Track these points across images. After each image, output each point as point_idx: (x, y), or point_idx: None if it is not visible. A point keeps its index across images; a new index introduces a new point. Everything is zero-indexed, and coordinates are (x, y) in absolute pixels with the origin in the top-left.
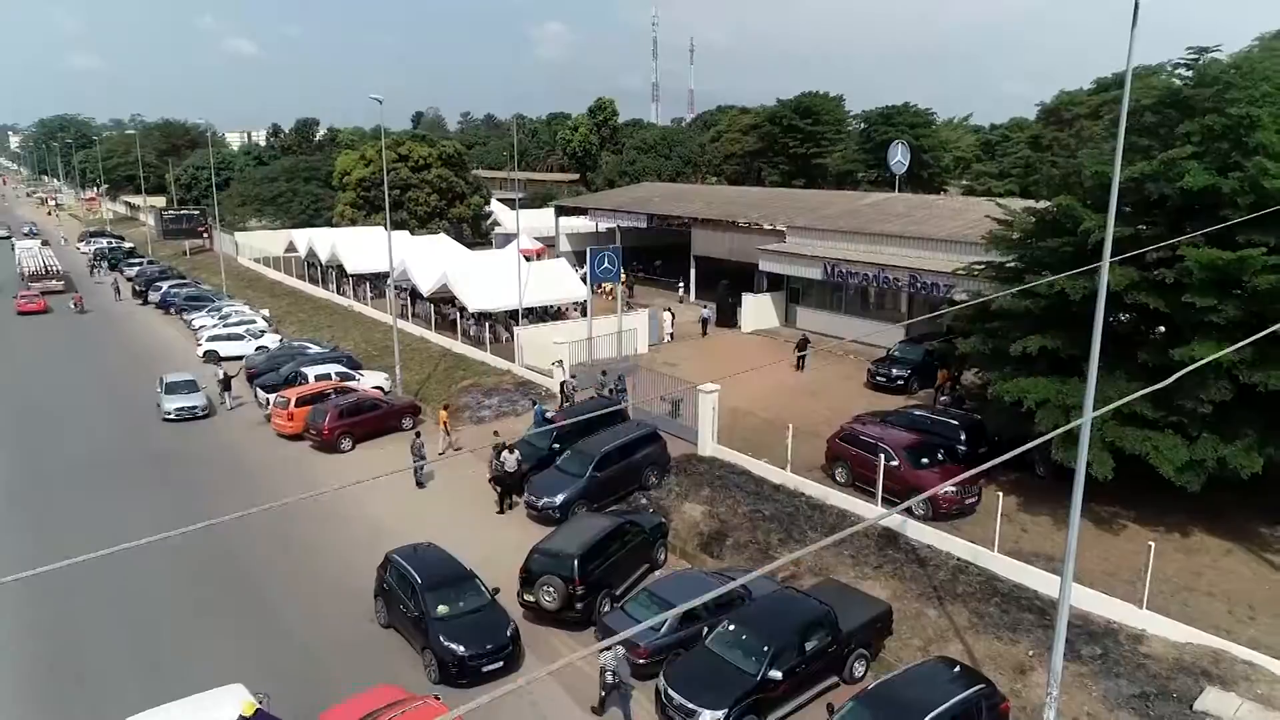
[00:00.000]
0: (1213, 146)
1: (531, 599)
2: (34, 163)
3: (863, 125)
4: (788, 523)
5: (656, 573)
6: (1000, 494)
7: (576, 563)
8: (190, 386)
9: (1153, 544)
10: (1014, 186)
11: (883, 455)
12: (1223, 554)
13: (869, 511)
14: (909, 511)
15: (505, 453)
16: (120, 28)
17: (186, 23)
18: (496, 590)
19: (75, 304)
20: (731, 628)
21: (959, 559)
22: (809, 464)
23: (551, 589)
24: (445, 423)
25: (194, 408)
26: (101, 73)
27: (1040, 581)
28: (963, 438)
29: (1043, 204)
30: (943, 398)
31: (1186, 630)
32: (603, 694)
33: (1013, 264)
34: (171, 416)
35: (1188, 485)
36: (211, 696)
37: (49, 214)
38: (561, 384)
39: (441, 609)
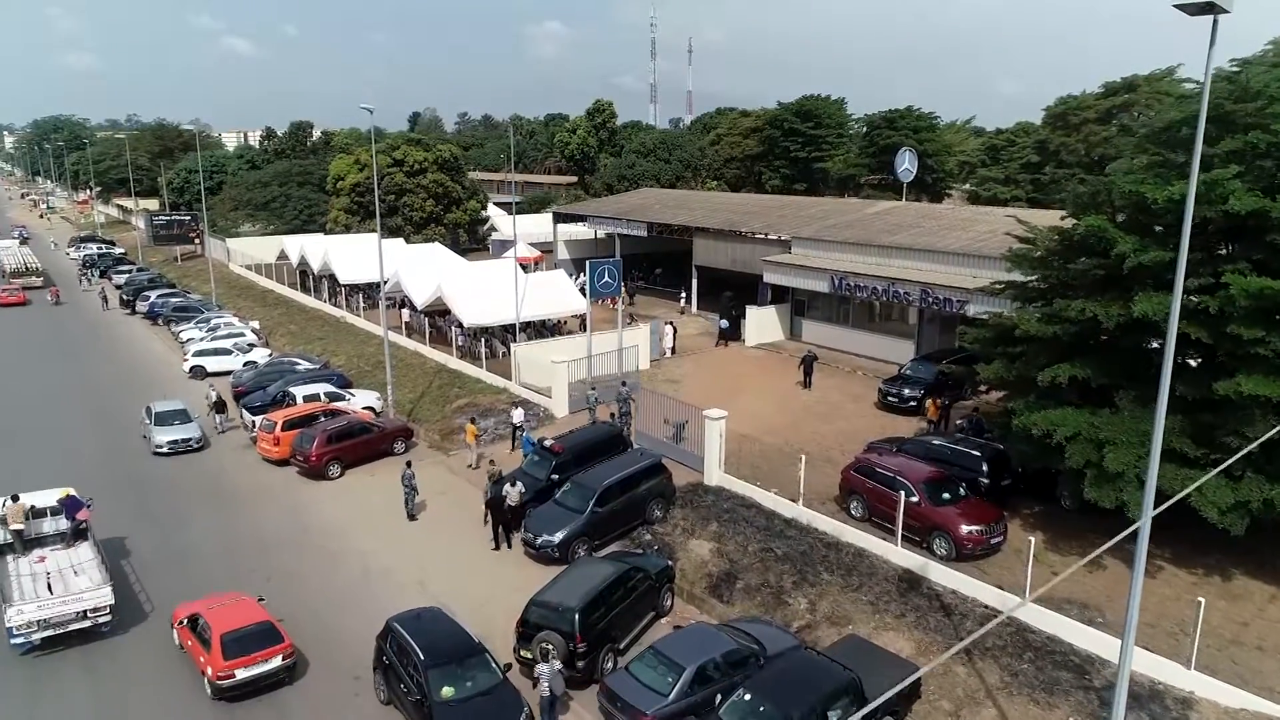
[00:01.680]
0: (1255, 165)
1: (529, 656)
2: (28, 164)
3: (865, 129)
4: (801, 563)
5: (663, 620)
6: (1032, 539)
7: (578, 616)
8: (182, 416)
9: (1203, 600)
10: (1020, 193)
11: (902, 492)
12: (1268, 600)
13: (887, 551)
14: (930, 551)
15: (508, 486)
16: (118, 27)
17: (184, 22)
18: (509, 666)
19: (52, 296)
20: (748, 698)
21: (987, 607)
22: (821, 494)
23: (550, 646)
24: (476, 436)
25: (189, 440)
26: (99, 72)
27: (1075, 634)
28: (984, 469)
29: (1068, 221)
30: (959, 420)
31: (1240, 695)
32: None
33: (1036, 284)
34: (164, 451)
35: (1231, 529)
36: (47, 492)
37: (41, 216)
38: (515, 428)
39: (446, 691)
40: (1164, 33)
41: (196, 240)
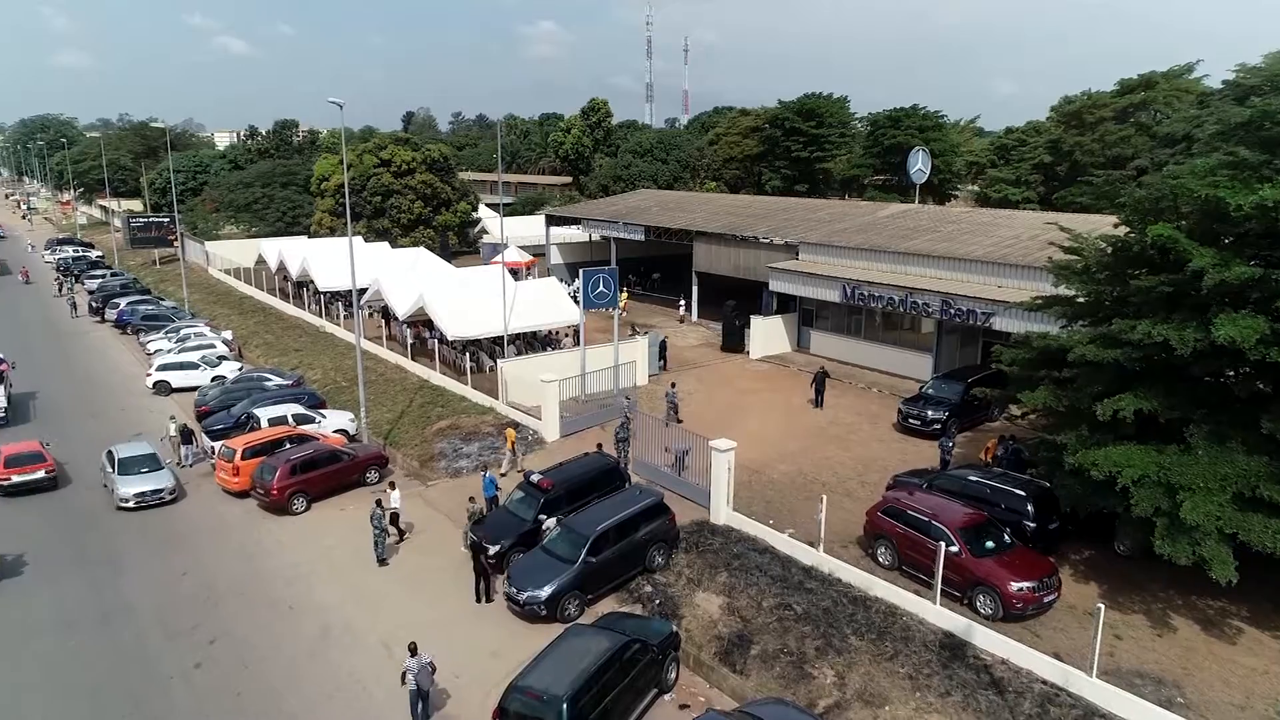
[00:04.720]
0: None
1: None
2: (14, 164)
3: (869, 128)
4: (825, 623)
5: (666, 697)
6: (1102, 606)
7: (565, 707)
8: (151, 462)
9: None
10: (1032, 194)
11: (942, 543)
12: None
13: (923, 609)
14: (972, 609)
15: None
16: (112, 26)
17: (179, 21)
18: None
19: (22, 276)
20: None
21: (1045, 682)
22: (842, 535)
23: None
24: (513, 443)
25: (159, 491)
26: (93, 71)
27: (1153, 719)
28: (1030, 510)
29: (1120, 229)
30: (998, 453)
31: None
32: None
33: (1085, 300)
34: (130, 505)
35: None
36: None
37: (23, 218)
38: (390, 515)
39: None
40: (1164, 33)
41: (175, 243)
